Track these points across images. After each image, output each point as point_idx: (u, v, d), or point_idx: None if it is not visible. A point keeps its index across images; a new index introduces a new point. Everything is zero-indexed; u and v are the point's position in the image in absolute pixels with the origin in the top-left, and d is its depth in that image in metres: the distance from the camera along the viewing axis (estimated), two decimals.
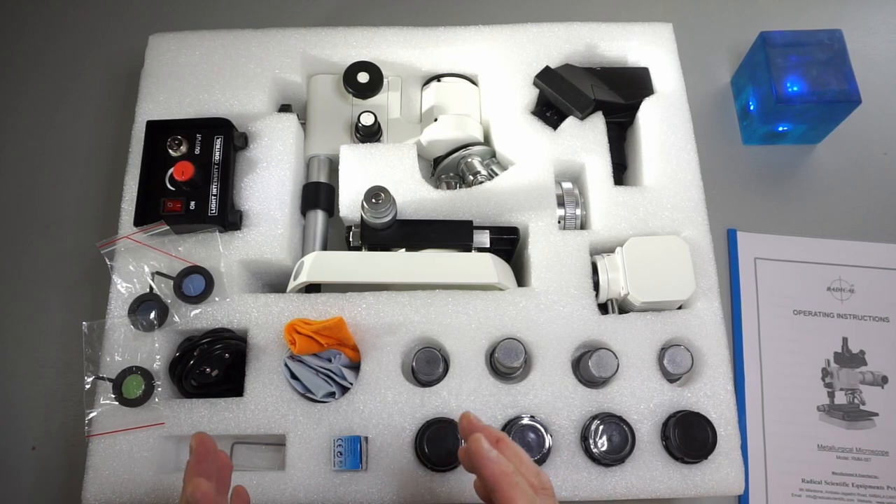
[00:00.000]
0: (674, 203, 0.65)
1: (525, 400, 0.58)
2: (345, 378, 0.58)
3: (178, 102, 0.69)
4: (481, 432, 0.45)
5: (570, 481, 0.56)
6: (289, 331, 0.57)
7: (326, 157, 0.71)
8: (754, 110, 0.75)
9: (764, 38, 0.73)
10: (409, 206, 0.64)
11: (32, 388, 0.67)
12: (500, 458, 0.44)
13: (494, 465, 0.43)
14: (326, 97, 0.72)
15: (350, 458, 0.56)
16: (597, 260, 0.63)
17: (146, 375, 0.58)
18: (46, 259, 0.72)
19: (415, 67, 0.74)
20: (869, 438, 0.66)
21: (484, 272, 0.59)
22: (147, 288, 0.61)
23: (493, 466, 0.43)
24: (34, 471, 0.65)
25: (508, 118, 0.69)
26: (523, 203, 0.65)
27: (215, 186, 0.63)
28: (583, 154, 0.67)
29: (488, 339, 0.60)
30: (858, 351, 0.69)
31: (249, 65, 0.70)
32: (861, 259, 0.72)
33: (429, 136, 0.69)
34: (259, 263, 0.64)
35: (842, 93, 0.70)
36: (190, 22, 0.74)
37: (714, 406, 0.59)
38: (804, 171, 0.77)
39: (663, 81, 0.70)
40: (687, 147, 0.67)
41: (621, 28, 0.72)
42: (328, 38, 0.72)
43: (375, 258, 0.60)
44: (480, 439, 0.44)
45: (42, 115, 0.79)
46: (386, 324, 0.60)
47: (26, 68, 0.82)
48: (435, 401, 0.58)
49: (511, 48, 0.71)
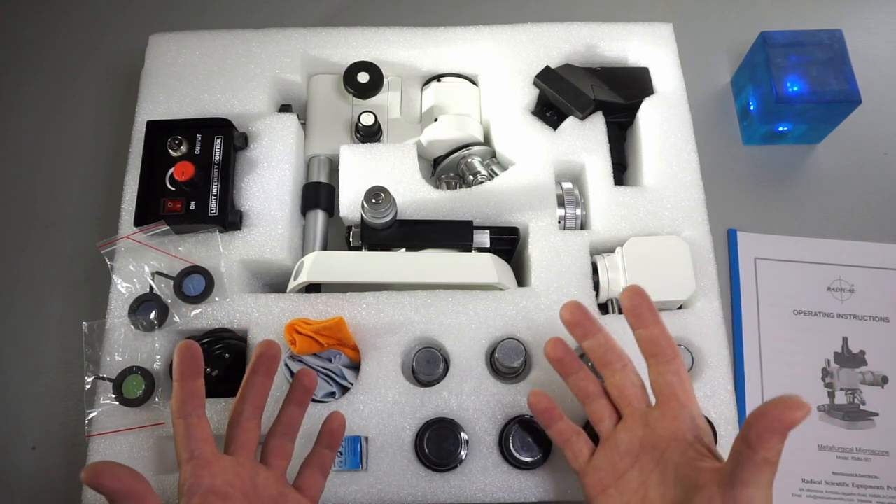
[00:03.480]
0: (674, 203, 0.65)
1: (525, 400, 0.58)
2: (345, 378, 0.58)
3: (178, 102, 0.69)
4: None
5: (571, 481, 0.56)
6: (289, 331, 0.57)
7: (326, 157, 0.71)
8: (754, 110, 0.75)
9: (764, 38, 0.73)
10: (409, 206, 0.64)
11: (32, 388, 0.67)
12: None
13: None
14: (326, 97, 0.72)
15: (350, 458, 0.56)
16: (597, 260, 0.63)
17: (146, 375, 0.58)
18: (46, 259, 0.72)
19: (415, 67, 0.74)
20: (869, 438, 0.66)
21: (484, 272, 0.59)
22: (147, 288, 0.61)
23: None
24: (34, 471, 0.65)
25: (508, 118, 0.69)
26: (523, 203, 0.65)
27: (215, 186, 0.63)
28: (583, 154, 0.67)
29: (488, 339, 0.60)
30: (858, 351, 0.69)
31: (249, 65, 0.70)
32: (861, 259, 0.72)
33: (429, 136, 0.69)
34: (259, 263, 0.64)
35: (842, 93, 0.70)
36: (190, 22, 0.74)
37: (714, 406, 0.59)
38: (804, 171, 0.77)
39: (663, 81, 0.70)
40: (687, 147, 0.67)
41: (621, 28, 0.72)
42: (328, 38, 0.72)
43: (375, 258, 0.60)
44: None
45: (42, 115, 0.79)
46: (386, 324, 0.60)
47: (26, 68, 0.82)
48: (435, 401, 0.58)
49: (511, 48, 0.71)
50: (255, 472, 0.47)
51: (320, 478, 0.51)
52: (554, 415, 0.51)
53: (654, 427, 0.47)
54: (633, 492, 0.46)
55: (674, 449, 0.46)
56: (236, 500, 0.45)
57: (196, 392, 0.47)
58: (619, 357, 0.49)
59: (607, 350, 0.49)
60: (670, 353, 0.47)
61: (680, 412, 0.46)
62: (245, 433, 0.48)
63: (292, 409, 0.51)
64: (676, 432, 0.46)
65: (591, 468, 0.49)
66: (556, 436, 0.51)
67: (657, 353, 0.47)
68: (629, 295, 0.48)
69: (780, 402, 0.38)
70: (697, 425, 0.46)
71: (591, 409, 0.50)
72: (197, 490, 0.44)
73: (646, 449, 0.47)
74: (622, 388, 0.49)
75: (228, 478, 0.45)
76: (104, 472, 0.40)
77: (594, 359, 0.50)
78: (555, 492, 0.56)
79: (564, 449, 0.51)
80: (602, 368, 0.50)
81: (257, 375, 0.49)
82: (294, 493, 0.49)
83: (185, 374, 0.47)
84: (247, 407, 0.49)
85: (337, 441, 0.52)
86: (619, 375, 0.49)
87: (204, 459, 0.45)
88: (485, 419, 0.58)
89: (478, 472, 0.56)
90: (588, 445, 0.50)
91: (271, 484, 0.48)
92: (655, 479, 0.46)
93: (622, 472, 0.47)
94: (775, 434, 0.38)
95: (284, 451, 0.50)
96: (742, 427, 0.40)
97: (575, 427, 0.51)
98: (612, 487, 0.48)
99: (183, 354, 0.47)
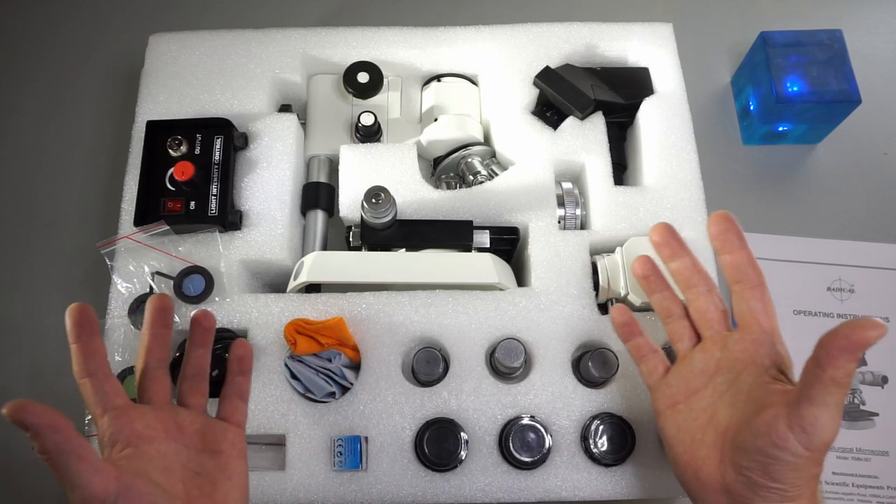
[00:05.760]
0: (674, 203, 0.65)
1: (525, 400, 0.58)
2: (345, 378, 0.58)
3: (178, 102, 0.69)
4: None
5: (570, 481, 0.56)
6: (289, 331, 0.57)
7: (326, 157, 0.71)
8: (754, 110, 0.75)
9: (764, 38, 0.73)
10: (409, 206, 0.64)
11: (32, 388, 0.67)
12: None
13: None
14: (326, 97, 0.72)
15: (350, 458, 0.56)
16: (597, 260, 0.63)
17: None
18: (46, 259, 0.72)
19: (415, 67, 0.74)
20: (869, 438, 0.66)
21: (484, 272, 0.59)
22: (147, 288, 0.61)
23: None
24: (34, 471, 0.65)
25: (508, 118, 0.69)
26: (523, 203, 0.65)
27: (215, 186, 0.63)
28: (583, 154, 0.67)
29: (488, 339, 0.60)
30: None
31: (249, 65, 0.70)
32: (861, 259, 0.72)
33: (429, 136, 0.69)
34: (259, 263, 0.64)
35: (842, 93, 0.70)
36: (190, 22, 0.74)
37: None
38: (804, 171, 0.77)
39: (663, 81, 0.70)
40: (687, 147, 0.67)
41: (621, 28, 0.72)
42: (328, 38, 0.72)
43: (375, 258, 0.60)
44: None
45: (42, 115, 0.79)
46: (386, 324, 0.60)
47: (26, 68, 0.82)
48: (435, 401, 0.58)
49: (511, 48, 0.71)
50: (174, 412, 0.47)
51: (241, 404, 0.51)
52: (634, 329, 0.53)
53: (732, 350, 0.48)
54: (703, 410, 0.47)
55: (749, 372, 0.46)
56: (160, 440, 0.44)
57: (96, 350, 0.45)
58: (705, 280, 0.50)
59: (693, 272, 0.51)
60: (755, 279, 0.48)
61: (760, 336, 0.47)
62: (155, 382, 0.47)
63: (196, 350, 0.51)
64: (754, 356, 0.46)
65: (663, 384, 0.50)
66: (634, 350, 0.53)
67: (742, 279, 0.48)
68: (715, 220, 0.49)
69: (853, 322, 0.38)
70: (777, 351, 0.46)
71: (671, 327, 0.52)
72: (119, 437, 0.43)
73: (721, 370, 0.48)
74: (705, 311, 0.50)
75: (148, 421, 0.45)
76: (26, 407, 0.40)
77: (680, 281, 0.51)
78: (554, 492, 0.56)
79: (640, 364, 0.52)
80: (687, 291, 0.51)
81: (154, 327, 0.49)
82: (219, 423, 0.49)
83: (80, 334, 0.45)
84: (151, 359, 0.48)
85: (247, 366, 0.52)
86: (703, 298, 0.50)
87: (120, 409, 0.44)
88: (485, 419, 0.58)
89: (478, 472, 0.56)
90: (664, 364, 0.52)
91: (193, 418, 0.47)
92: (727, 399, 0.46)
93: (694, 391, 0.48)
94: (844, 353, 0.38)
95: (199, 389, 0.50)
96: (815, 348, 0.40)
97: (653, 345, 0.52)
98: (682, 403, 0.49)
99: (74, 314, 0.46)
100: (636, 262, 0.53)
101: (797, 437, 0.40)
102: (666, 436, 0.50)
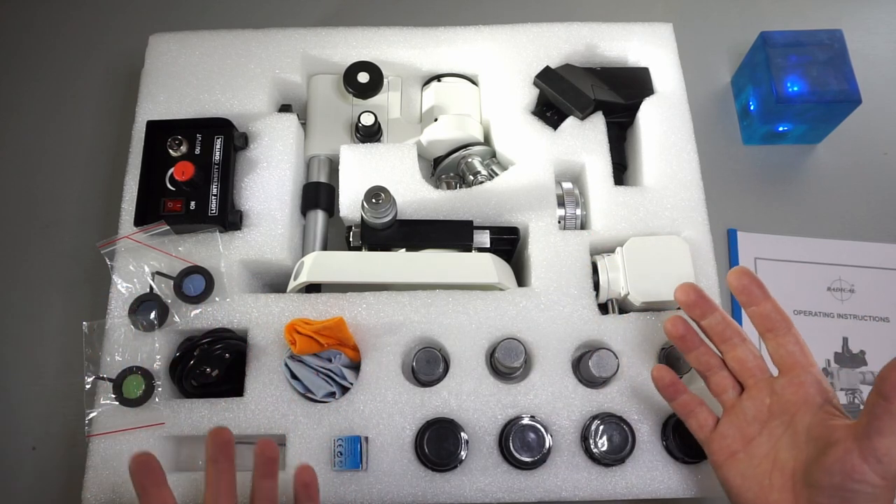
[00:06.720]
0: (674, 203, 0.65)
1: (525, 400, 0.58)
2: (345, 378, 0.58)
3: (178, 102, 0.69)
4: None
5: (570, 481, 0.56)
6: (289, 331, 0.57)
7: (326, 157, 0.71)
8: (754, 110, 0.75)
9: (764, 38, 0.73)
10: (409, 206, 0.64)
11: (32, 388, 0.67)
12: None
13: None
14: (326, 97, 0.72)
15: (350, 458, 0.56)
16: (597, 260, 0.63)
17: (146, 375, 0.58)
18: (46, 259, 0.72)
19: (415, 67, 0.74)
20: None
21: (484, 272, 0.59)
22: (147, 288, 0.61)
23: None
24: (34, 471, 0.65)
25: (508, 118, 0.69)
26: (523, 203, 0.65)
27: (215, 186, 0.63)
28: (583, 154, 0.67)
29: (488, 339, 0.60)
30: (858, 351, 0.69)
31: (249, 65, 0.70)
32: (861, 259, 0.72)
33: (429, 136, 0.69)
34: (259, 263, 0.64)
35: (842, 93, 0.70)
36: (190, 22, 0.74)
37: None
38: (804, 171, 0.77)
39: (663, 81, 0.70)
40: (687, 147, 0.67)
41: (621, 28, 0.72)
42: (328, 38, 0.72)
43: (375, 258, 0.60)
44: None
45: (42, 115, 0.79)
46: (386, 324, 0.60)
47: (26, 68, 0.82)
48: (435, 401, 0.58)
49: (511, 48, 0.71)
50: None
51: None
52: (679, 388, 0.54)
53: (781, 394, 0.49)
54: (764, 455, 0.48)
55: (804, 412, 0.47)
56: None
57: (165, 501, 0.47)
58: (738, 332, 0.52)
59: (726, 327, 0.52)
60: (784, 325, 0.50)
61: (805, 377, 0.48)
62: None
63: (264, 483, 0.51)
64: (805, 396, 0.47)
65: (716, 436, 0.51)
66: (680, 408, 0.54)
67: (773, 327, 0.50)
68: (737, 276, 0.50)
69: None
70: (824, 388, 0.48)
71: (713, 380, 0.53)
72: None
73: (774, 415, 0.49)
74: (744, 361, 0.51)
75: None
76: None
77: (713, 336, 0.53)
78: (554, 492, 0.56)
79: (688, 420, 0.53)
80: (721, 344, 0.52)
81: (218, 463, 0.49)
82: None
83: (146, 485, 0.47)
84: (221, 497, 0.48)
85: (314, 494, 0.52)
86: (739, 349, 0.51)
87: None
88: (485, 419, 0.58)
89: (478, 472, 0.56)
90: (712, 416, 0.53)
91: None
92: (786, 441, 0.47)
93: (751, 438, 0.49)
94: None
95: None
96: (875, 381, 0.41)
97: (698, 398, 0.53)
98: (742, 452, 0.50)
99: (139, 464, 0.47)
100: (668, 323, 0.54)
101: (873, 469, 0.41)
102: (731, 485, 0.50)
